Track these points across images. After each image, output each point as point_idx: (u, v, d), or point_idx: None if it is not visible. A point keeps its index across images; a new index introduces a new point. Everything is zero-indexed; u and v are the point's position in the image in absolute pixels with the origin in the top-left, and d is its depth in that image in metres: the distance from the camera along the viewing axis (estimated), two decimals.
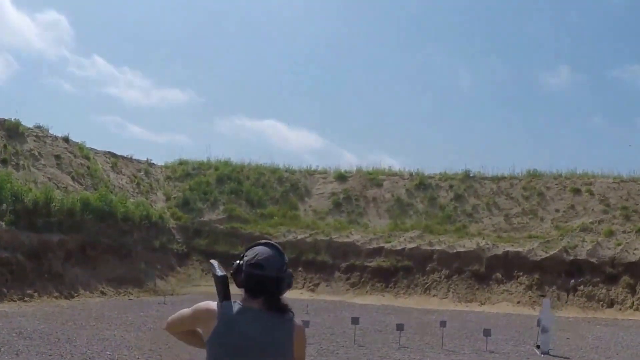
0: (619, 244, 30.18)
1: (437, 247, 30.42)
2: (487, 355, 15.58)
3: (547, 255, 29.51)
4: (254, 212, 34.70)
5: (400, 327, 16.33)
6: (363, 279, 30.14)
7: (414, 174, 36.94)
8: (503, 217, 33.08)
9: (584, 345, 17.95)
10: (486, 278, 29.34)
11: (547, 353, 16.17)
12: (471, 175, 36.07)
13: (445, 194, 34.62)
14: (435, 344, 16.59)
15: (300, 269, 30.84)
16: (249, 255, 3.67)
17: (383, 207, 34.42)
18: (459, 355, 15.39)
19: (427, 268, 30.00)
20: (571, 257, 29.23)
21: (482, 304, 28.11)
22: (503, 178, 35.75)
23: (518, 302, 27.64)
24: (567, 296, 28.29)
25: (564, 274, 28.77)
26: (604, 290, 27.80)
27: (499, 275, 29.28)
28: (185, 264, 31.51)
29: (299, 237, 32.17)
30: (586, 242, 30.17)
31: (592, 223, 32.24)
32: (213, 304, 3.66)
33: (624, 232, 31.69)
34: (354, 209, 34.46)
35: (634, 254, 28.69)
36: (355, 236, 31.96)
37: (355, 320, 16.76)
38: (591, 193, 34.27)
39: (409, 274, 29.97)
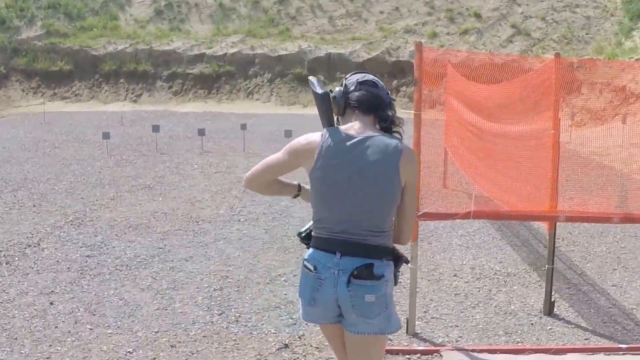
0: (442, 46, 30.73)
1: (259, 51, 29.94)
2: None
3: (370, 56, 29.75)
4: (73, 25, 32.86)
5: (201, 133, 16.20)
6: (185, 87, 29.43)
7: None
8: (327, 19, 32.75)
9: None
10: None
11: None
12: None
13: None
14: (238, 147, 16.65)
15: (122, 80, 29.89)
16: (355, 77, 3.61)
17: (206, 13, 33.20)
18: (258, 157, 15.44)
19: (250, 73, 29.61)
20: (394, 59, 29.62)
21: (304, 106, 28.24)
22: None
23: None
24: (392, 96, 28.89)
25: (387, 75, 29.17)
26: (426, 92, 28.48)
27: (321, 77, 29.38)
28: (5, 85, 29.92)
29: (119, 47, 30.73)
30: (409, 43, 30.48)
31: (416, 25, 32.56)
32: (313, 135, 3.50)
33: (447, 34, 32.26)
34: (176, 15, 33.09)
35: (456, 55, 29.28)
36: (177, 43, 30.84)
37: (156, 128, 16.44)
38: None
39: (231, 79, 29.51)
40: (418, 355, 5.52)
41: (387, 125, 3.52)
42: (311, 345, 5.64)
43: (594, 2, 36.62)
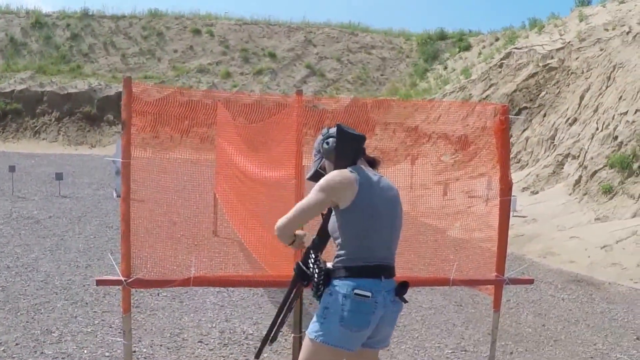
0: (235, 86, 31.71)
1: (48, 89, 29.90)
2: (57, 200, 15.85)
3: (162, 95, 30.10)
4: None
5: None
6: None
7: (30, 12, 35.35)
8: (120, 57, 33.13)
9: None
10: (98, 120, 29.61)
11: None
12: (90, 14, 35.38)
13: (61, 33, 33.71)
14: (7, 191, 16.63)
15: None
16: (336, 131, 3.94)
17: None
18: (27, 201, 15.45)
19: (38, 111, 29.52)
20: (185, 98, 30.18)
21: (92, 146, 28.42)
22: (123, 17, 35.52)
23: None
24: (182, 138, 29.41)
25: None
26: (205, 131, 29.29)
27: (110, 116, 29.63)
28: None
29: None
30: (202, 83, 31.33)
31: (210, 64, 33.45)
32: (342, 171, 3.81)
33: (241, 73, 33.29)
34: None
35: (249, 96, 30.28)
36: None
37: None
38: (212, 34, 35.27)
39: (18, 117, 29.29)
40: None
41: (374, 165, 4.09)
42: None
43: (390, 43, 38.82)
